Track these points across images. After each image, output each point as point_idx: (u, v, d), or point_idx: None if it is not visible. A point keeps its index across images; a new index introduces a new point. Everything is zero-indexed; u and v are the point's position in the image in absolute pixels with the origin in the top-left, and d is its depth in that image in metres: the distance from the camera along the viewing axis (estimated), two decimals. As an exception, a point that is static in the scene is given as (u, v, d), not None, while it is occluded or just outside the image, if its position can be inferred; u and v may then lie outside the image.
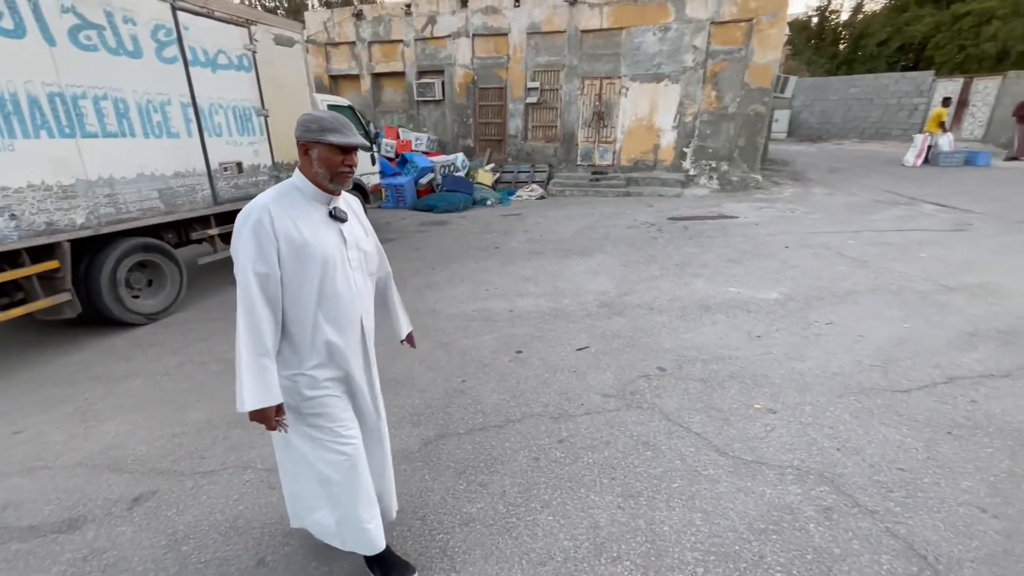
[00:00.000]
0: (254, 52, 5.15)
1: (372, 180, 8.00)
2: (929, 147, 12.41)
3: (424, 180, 10.32)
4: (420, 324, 4.21)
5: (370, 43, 12.06)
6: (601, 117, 10.86)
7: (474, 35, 11.21)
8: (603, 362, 3.45)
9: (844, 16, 23.99)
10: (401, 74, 12.17)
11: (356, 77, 12.47)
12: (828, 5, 23.91)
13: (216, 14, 4.72)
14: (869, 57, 21.33)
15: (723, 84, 9.90)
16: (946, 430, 2.58)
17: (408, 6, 11.56)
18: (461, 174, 10.89)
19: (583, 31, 10.39)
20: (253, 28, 5.14)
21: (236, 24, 4.96)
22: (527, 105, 11.32)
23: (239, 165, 5.12)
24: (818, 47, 24.01)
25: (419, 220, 8.88)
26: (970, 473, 2.28)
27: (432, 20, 11.45)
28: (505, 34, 10.99)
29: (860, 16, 23.29)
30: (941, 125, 12.46)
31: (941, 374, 3.11)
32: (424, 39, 11.66)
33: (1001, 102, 15.24)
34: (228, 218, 5.19)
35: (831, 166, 12.98)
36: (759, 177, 10.27)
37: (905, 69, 19.51)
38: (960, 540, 1.93)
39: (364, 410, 1.75)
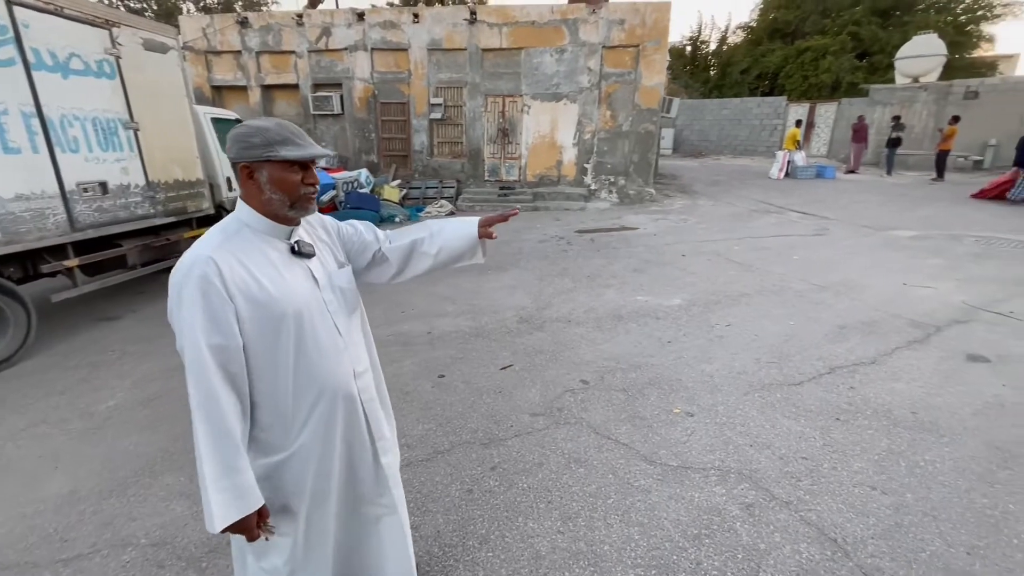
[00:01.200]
0: (118, 57, 4.53)
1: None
2: (788, 162, 14.23)
3: (325, 198, 9.76)
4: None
5: (258, 52, 11.26)
6: (506, 134, 11.07)
7: (373, 49, 10.93)
8: (528, 379, 3.43)
9: (712, 46, 26.92)
10: (295, 86, 11.50)
11: (243, 88, 11.56)
12: (699, 36, 26.71)
13: (65, 12, 4.08)
14: (735, 83, 24.06)
15: (617, 104, 10.57)
16: (834, 416, 2.88)
17: (299, 16, 10.98)
18: (366, 191, 10.47)
19: (484, 50, 10.56)
20: (116, 30, 4.53)
21: (93, 24, 4.33)
22: (432, 121, 11.22)
23: (103, 185, 4.44)
24: (693, 72, 26.64)
25: (322, 240, 8.36)
26: (858, 455, 2.54)
27: (327, 32, 10.98)
28: (405, 49, 10.84)
29: (725, 47, 26.28)
30: (796, 143, 14.34)
31: (824, 365, 3.48)
32: (319, 51, 11.13)
33: (838, 124, 17.93)
34: (91, 246, 4.48)
35: (712, 179, 14.36)
36: (653, 191, 11.05)
37: (764, 95, 22.26)
38: (860, 519, 2.13)
39: (365, 487, 1.40)
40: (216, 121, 6.41)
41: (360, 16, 10.83)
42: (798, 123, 15.29)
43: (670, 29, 10.19)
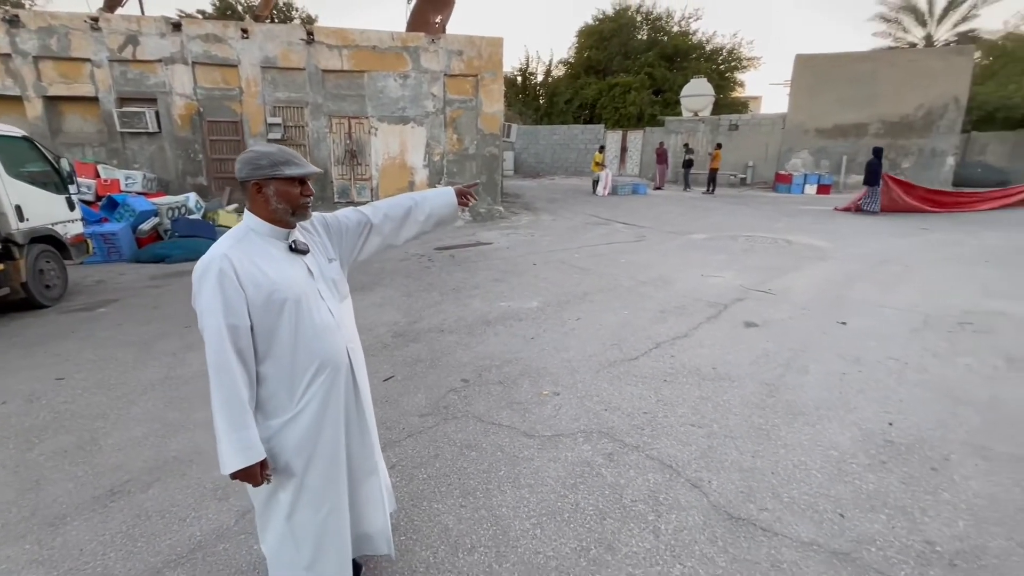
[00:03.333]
0: None
1: (73, 230, 6.32)
2: (595, 181, 16.44)
3: (146, 226, 8.59)
4: (194, 395, 3.65)
5: (37, 58, 9.47)
6: (354, 155, 10.97)
7: (195, 63, 9.99)
8: (411, 387, 3.63)
9: (540, 77, 29.79)
10: (93, 99, 9.90)
11: (17, 99, 9.59)
12: (527, 68, 29.37)
13: None
14: (561, 111, 26.97)
15: (462, 129, 11.24)
16: (662, 379, 3.64)
17: (95, 20, 9.54)
18: (197, 216, 9.45)
19: (325, 71, 10.39)
20: None
21: None
22: (271, 141, 10.60)
23: None
24: (524, 100, 29.11)
25: (147, 274, 7.37)
26: (680, 404, 3.29)
27: (133, 40, 9.72)
28: (235, 65, 10.12)
29: (550, 79, 29.30)
30: (600, 165, 16.62)
31: (651, 342, 4.32)
32: (124, 61, 9.79)
33: (645, 149, 21.27)
34: None
35: (550, 197, 15.93)
36: (502, 208, 11.93)
37: (586, 122, 25.36)
38: (685, 448, 2.80)
39: (353, 447, 1.65)
40: (-3, 138, 5.35)
41: (176, 26, 9.83)
42: (601, 148, 17.82)
43: (504, 62, 11.23)
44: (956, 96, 15.92)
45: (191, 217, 9.23)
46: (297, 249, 1.51)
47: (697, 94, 19.94)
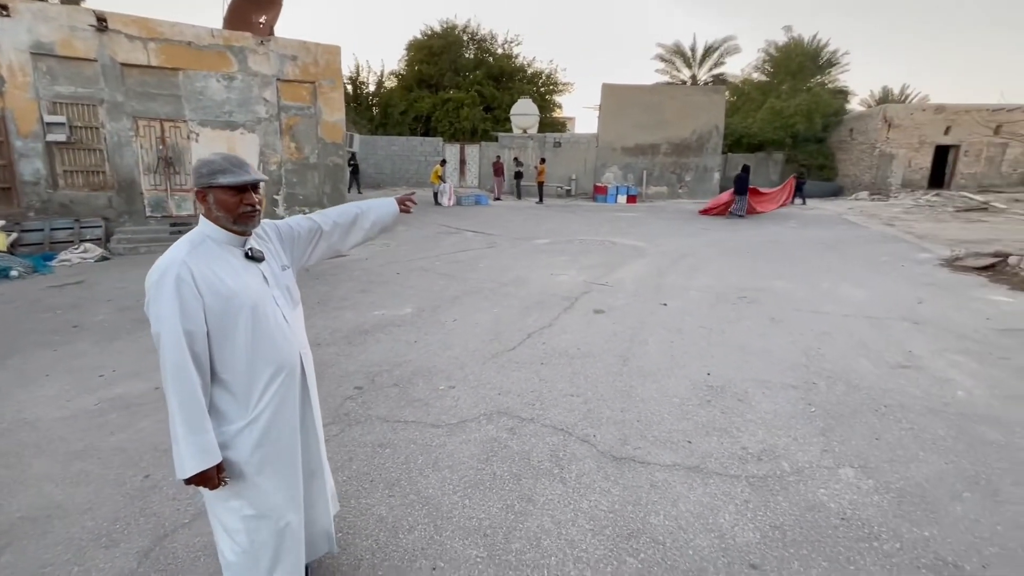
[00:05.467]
0: None
1: None
2: (435, 193, 16.97)
3: None
4: (26, 446, 3.06)
5: None
6: (170, 163, 9.60)
7: (-77, 40, 7.71)
8: (302, 400, 3.54)
9: (372, 87, 29.22)
10: None
11: None
12: (358, 77, 28.54)
13: None
14: (396, 123, 26.82)
15: (300, 137, 10.65)
16: (540, 362, 4.17)
17: None
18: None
19: (126, 64, 8.91)
20: None
21: None
22: (51, 144, 8.69)
23: None
24: (357, 110, 28.25)
25: None
26: (559, 380, 3.83)
27: None
28: (-11, 49, 8.08)
29: (383, 89, 28.94)
30: (440, 177, 17.19)
31: (524, 333, 4.85)
32: None
33: (483, 162, 22.45)
34: None
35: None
36: (349, 219, 11.58)
37: (423, 135, 25.68)
38: (569, 415, 3.32)
39: (307, 450, 1.71)
40: None
41: None
42: (443, 162, 18.43)
43: (342, 70, 10.97)
44: (716, 125, 20.25)
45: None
46: (253, 256, 1.56)
47: (524, 113, 21.81)
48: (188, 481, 1.42)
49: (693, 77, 29.29)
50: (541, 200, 18.40)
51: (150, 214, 9.64)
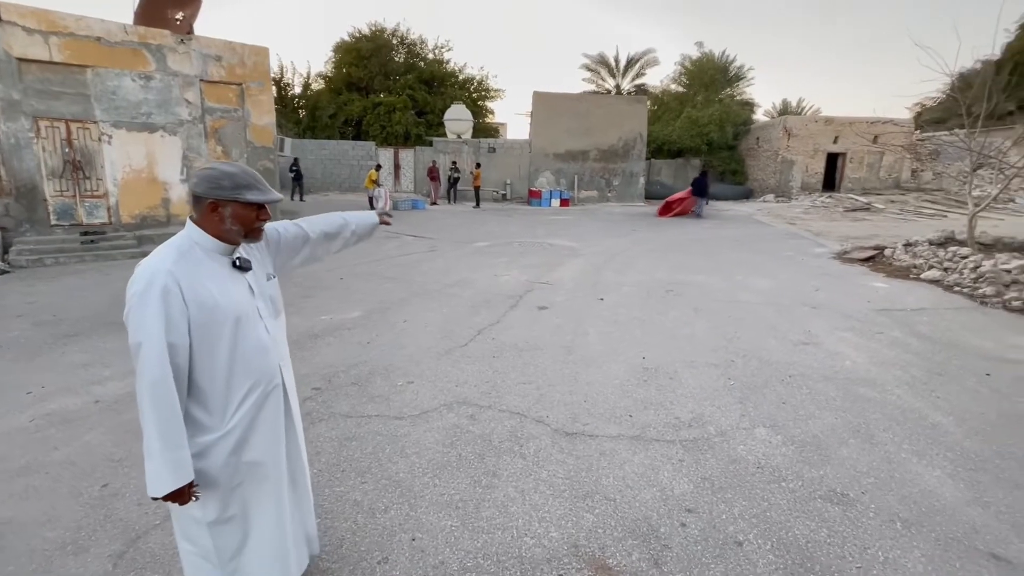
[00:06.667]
0: None
1: None
2: (370, 198, 16.82)
3: None
4: (-48, 461, 2.88)
5: None
6: (78, 167, 8.87)
7: None
8: (260, 404, 3.56)
9: (298, 89, 28.14)
10: None
11: None
12: (282, 78, 27.37)
13: None
14: (325, 126, 26.05)
15: (228, 140, 10.21)
16: (492, 356, 4.42)
17: None
18: None
19: (22, 59, 8.16)
20: None
21: None
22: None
23: None
24: (283, 113, 27.12)
25: None
26: (511, 371, 4.11)
27: None
28: None
29: (310, 92, 27.98)
30: (375, 182, 17.08)
31: (474, 330, 5.08)
32: None
33: (417, 166, 22.37)
34: None
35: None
36: (282, 226, 11.22)
37: (354, 138, 25.13)
38: (522, 400, 3.60)
39: (288, 458, 1.71)
40: None
41: None
42: (378, 167, 18.27)
43: (270, 73, 10.65)
44: (640, 132, 21.53)
45: None
46: (241, 266, 1.54)
47: (458, 118, 22.00)
48: (163, 498, 1.37)
49: (617, 87, 30.87)
50: (478, 204, 18.72)
51: (56, 222, 8.85)
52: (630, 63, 30.27)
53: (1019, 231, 10.90)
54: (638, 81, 30.80)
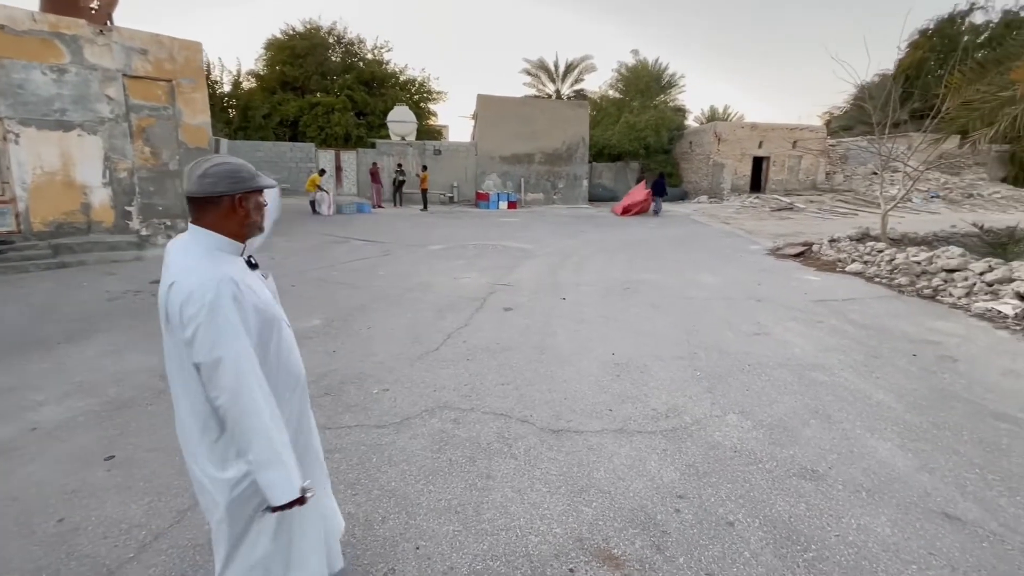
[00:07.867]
0: None
1: None
2: (312, 202, 16.18)
3: None
4: None
5: None
6: (-21, 169, 7.91)
7: None
8: (226, 420, 3.34)
9: (227, 88, 26.50)
10: None
11: None
12: (210, 75, 25.67)
13: None
14: (259, 127, 24.72)
15: (156, 141, 9.47)
16: (465, 359, 4.40)
17: None
18: None
19: (-94, 47, 7.17)
20: None
21: None
22: None
23: None
24: (212, 112, 25.46)
25: None
26: (487, 373, 4.11)
27: None
28: None
29: (241, 91, 26.45)
30: (318, 186, 16.35)
31: (443, 334, 5.03)
32: None
33: (360, 169, 21.74)
34: None
35: (272, 218, 14.71)
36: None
37: (291, 140, 24.04)
38: (503, 400, 3.62)
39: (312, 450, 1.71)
40: None
41: None
42: (321, 171, 17.39)
43: (204, 69, 9.99)
44: (583, 136, 22.11)
45: None
46: (256, 265, 1.52)
47: (402, 120, 21.62)
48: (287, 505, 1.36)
49: (557, 91, 31.52)
50: (426, 207, 18.49)
51: (-48, 232, 7.84)
52: (569, 68, 31.02)
53: (919, 227, 12.22)
54: (577, 86, 31.62)
